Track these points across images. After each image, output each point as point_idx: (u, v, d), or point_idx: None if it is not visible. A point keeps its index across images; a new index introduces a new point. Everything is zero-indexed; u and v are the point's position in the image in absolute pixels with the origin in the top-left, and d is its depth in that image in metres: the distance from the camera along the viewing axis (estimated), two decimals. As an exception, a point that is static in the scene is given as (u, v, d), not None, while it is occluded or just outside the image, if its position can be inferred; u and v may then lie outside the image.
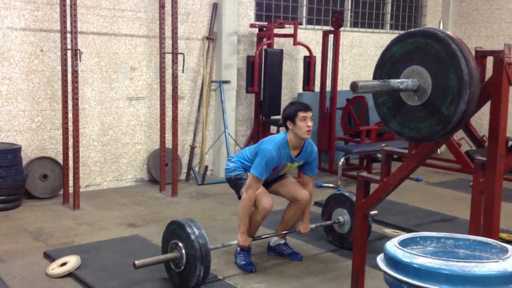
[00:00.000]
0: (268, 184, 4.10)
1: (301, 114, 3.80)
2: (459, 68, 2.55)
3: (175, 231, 3.54)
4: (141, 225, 5.00)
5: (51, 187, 5.77)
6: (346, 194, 4.45)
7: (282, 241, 4.29)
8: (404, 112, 2.81)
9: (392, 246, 2.28)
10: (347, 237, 4.36)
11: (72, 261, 3.87)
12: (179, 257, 3.45)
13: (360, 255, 3.55)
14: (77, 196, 5.40)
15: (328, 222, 4.46)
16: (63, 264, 3.86)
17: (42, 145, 5.83)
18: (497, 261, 2.10)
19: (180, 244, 3.45)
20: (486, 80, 2.80)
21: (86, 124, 6.05)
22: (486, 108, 2.99)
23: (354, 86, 2.59)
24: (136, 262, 3.37)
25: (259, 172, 3.79)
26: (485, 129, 2.84)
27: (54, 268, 3.82)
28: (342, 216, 4.41)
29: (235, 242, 3.90)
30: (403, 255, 2.18)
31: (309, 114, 3.84)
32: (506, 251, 2.22)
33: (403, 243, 2.35)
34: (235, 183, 4.05)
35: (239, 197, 4.00)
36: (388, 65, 2.84)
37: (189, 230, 3.42)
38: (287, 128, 3.90)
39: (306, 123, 3.81)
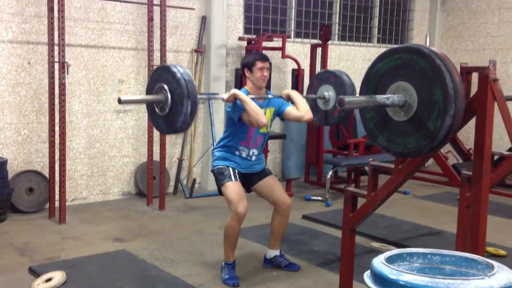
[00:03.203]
0: (253, 181, 4.11)
1: (259, 64, 3.96)
2: (444, 83, 2.58)
3: (160, 76, 3.44)
4: (128, 239, 4.95)
5: (37, 201, 5.71)
6: (330, 69, 4.41)
7: (278, 252, 4.29)
8: (391, 128, 2.83)
9: (378, 262, 2.28)
10: (332, 113, 4.32)
11: (58, 276, 3.83)
12: (164, 100, 3.36)
13: (347, 270, 3.55)
14: (63, 210, 5.34)
15: (314, 96, 4.39)
16: (48, 280, 3.81)
17: (28, 158, 5.77)
18: (483, 278, 2.10)
19: (166, 87, 3.34)
20: (471, 96, 2.83)
21: (73, 137, 6.01)
22: (473, 122, 3.01)
23: (340, 102, 2.60)
24: (121, 97, 3.29)
25: (236, 115, 3.86)
26: (472, 142, 2.86)
27: (39, 284, 3.77)
28: (327, 92, 4.36)
29: (224, 96, 3.84)
30: (390, 272, 2.18)
31: (266, 64, 4.00)
32: (492, 267, 2.22)
33: (390, 260, 2.35)
34: (217, 178, 4.04)
35: (219, 192, 4.03)
36: (374, 81, 2.86)
37: (174, 70, 3.33)
38: (245, 76, 4.05)
39: (262, 73, 3.96)
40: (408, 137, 2.74)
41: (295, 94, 4.10)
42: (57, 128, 5.40)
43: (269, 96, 4.10)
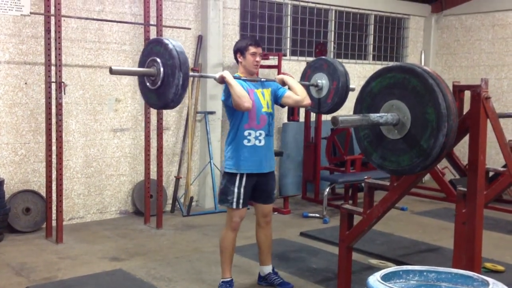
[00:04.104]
0: (258, 192, 4.09)
1: (251, 49, 3.94)
2: (436, 102, 2.61)
3: (152, 50, 3.45)
4: (125, 258, 4.94)
5: (33, 221, 5.70)
6: (323, 57, 4.43)
7: (271, 269, 4.28)
8: (384, 146, 2.86)
9: (374, 280, 2.28)
10: (325, 101, 4.33)
11: (54, 297, 3.81)
12: (156, 73, 3.37)
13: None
14: (60, 229, 5.33)
15: (306, 83, 4.37)
16: (45, 300, 3.79)
17: (25, 178, 5.78)
18: (478, 295, 2.11)
19: (158, 60, 3.36)
20: (464, 114, 2.86)
21: (70, 156, 6.02)
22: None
23: (335, 120, 2.63)
24: (112, 67, 3.31)
25: (230, 101, 3.87)
26: (468, 159, 2.90)
27: (35, 305, 3.76)
28: (320, 80, 4.35)
29: (216, 75, 3.84)
30: (386, 290, 2.18)
31: (259, 50, 3.98)
32: (487, 284, 2.23)
33: (386, 277, 2.35)
34: (221, 192, 4.05)
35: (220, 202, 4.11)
36: (367, 100, 2.89)
37: (166, 41, 3.35)
38: (237, 61, 4.04)
39: (255, 58, 3.94)
40: (402, 155, 2.77)
41: (289, 79, 4.10)
42: (54, 148, 5.41)
43: (262, 79, 4.09)
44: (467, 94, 6.86)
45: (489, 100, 2.78)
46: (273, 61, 7.15)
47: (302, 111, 7.39)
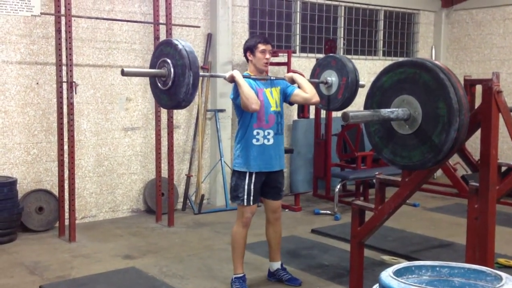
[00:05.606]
0: (268, 188, 4.13)
1: (261, 47, 3.99)
2: (448, 97, 2.60)
3: (162, 51, 3.49)
4: (137, 256, 4.97)
5: (46, 220, 5.75)
6: (331, 54, 4.44)
7: (279, 265, 4.30)
8: (395, 141, 2.85)
9: (387, 276, 2.27)
10: (335, 97, 4.35)
11: (68, 295, 3.84)
12: (167, 74, 3.40)
13: (357, 284, 3.54)
14: (73, 228, 5.37)
15: (316, 80, 4.40)
16: (58, 298, 3.82)
17: (37, 178, 5.82)
18: (491, 290, 2.10)
19: (168, 61, 3.40)
20: (476, 108, 2.84)
21: (82, 155, 6.06)
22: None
23: (345, 116, 2.62)
24: (124, 69, 3.36)
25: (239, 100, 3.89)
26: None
27: (49, 303, 3.79)
28: (330, 77, 4.37)
29: (226, 75, 3.86)
30: (398, 285, 2.17)
31: (269, 47, 4.02)
32: (500, 279, 2.21)
33: (398, 273, 2.34)
34: (232, 189, 4.07)
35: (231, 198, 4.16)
36: (378, 94, 2.88)
37: (175, 42, 3.39)
38: (248, 60, 4.08)
39: (264, 55, 3.98)
40: (413, 150, 2.76)
41: (298, 77, 4.12)
42: (66, 147, 5.45)
43: (272, 77, 4.12)
44: (479, 88, 6.81)
45: (500, 94, 2.76)
46: (282, 58, 7.15)
47: (312, 108, 7.38)
